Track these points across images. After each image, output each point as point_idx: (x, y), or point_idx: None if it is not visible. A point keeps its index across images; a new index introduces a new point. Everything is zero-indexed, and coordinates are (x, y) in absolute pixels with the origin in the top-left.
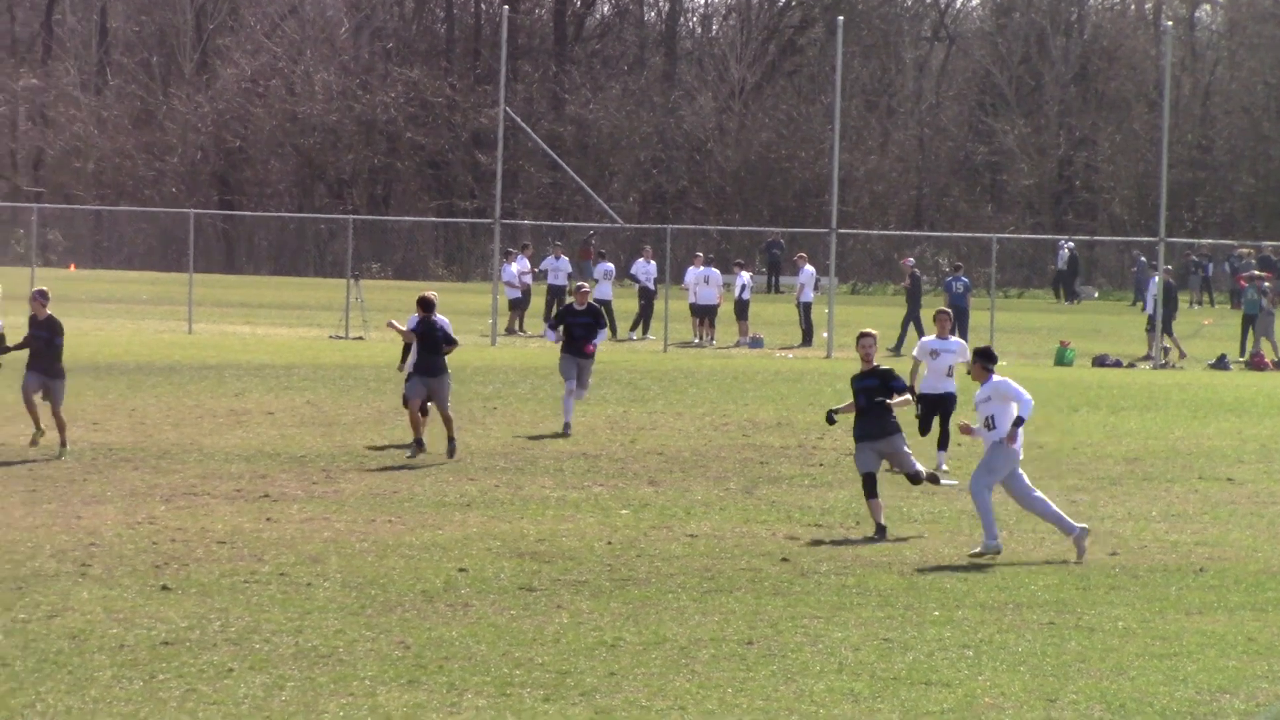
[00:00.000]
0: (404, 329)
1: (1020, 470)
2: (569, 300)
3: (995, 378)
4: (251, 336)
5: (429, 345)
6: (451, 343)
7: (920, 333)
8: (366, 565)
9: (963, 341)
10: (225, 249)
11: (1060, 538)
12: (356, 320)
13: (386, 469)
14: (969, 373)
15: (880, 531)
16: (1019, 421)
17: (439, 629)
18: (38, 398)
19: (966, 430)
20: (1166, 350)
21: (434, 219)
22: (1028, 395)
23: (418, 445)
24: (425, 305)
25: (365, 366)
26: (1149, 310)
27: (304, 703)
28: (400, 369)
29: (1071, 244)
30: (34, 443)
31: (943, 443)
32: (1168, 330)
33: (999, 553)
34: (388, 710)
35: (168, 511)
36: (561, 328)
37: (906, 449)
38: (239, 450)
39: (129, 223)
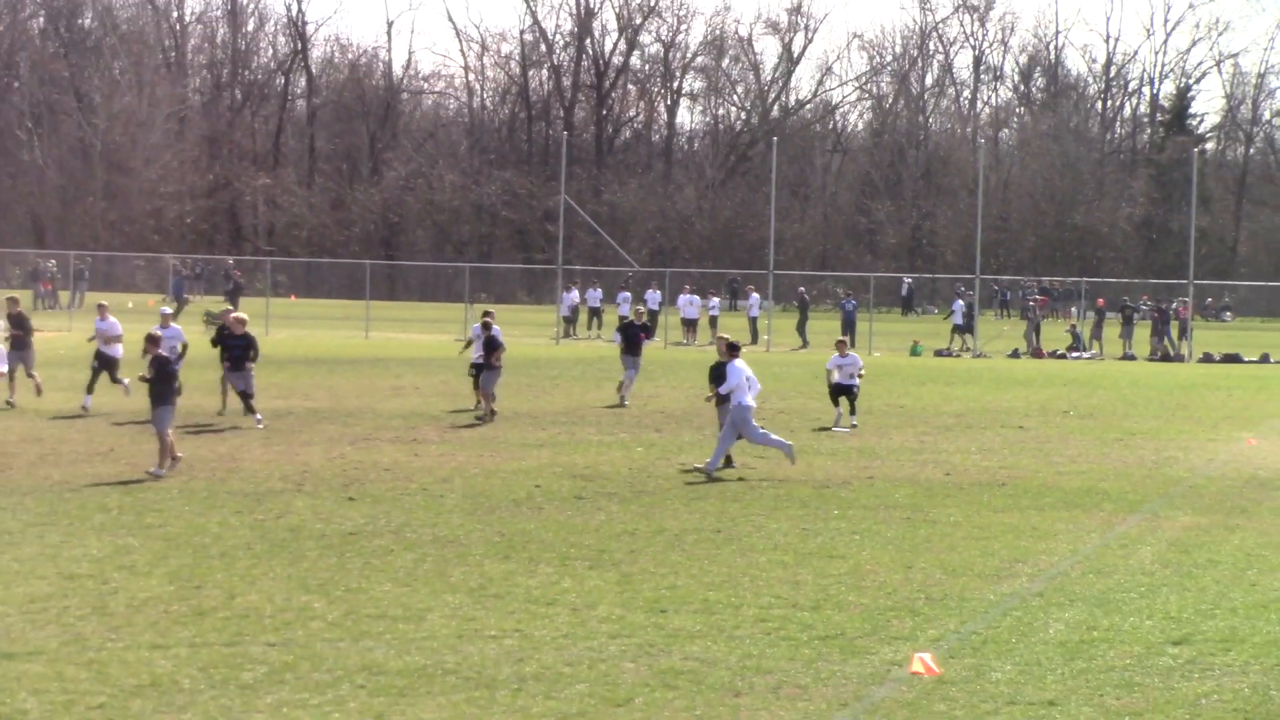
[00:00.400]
0: (469, 337)
1: (750, 418)
2: (630, 318)
3: (734, 363)
4: (406, 340)
5: (489, 347)
6: (500, 347)
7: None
8: (477, 483)
9: (855, 355)
10: (389, 285)
11: (913, 461)
12: (469, 330)
13: (488, 424)
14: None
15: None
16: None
17: (522, 523)
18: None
19: (715, 399)
20: (968, 347)
21: (520, 265)
22: (734, 379)
23: (491, 414)
24: (486, 322)
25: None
26: (957, 320)
27: (439, 571)
28: (460, 354)
29: (910, 280)
30: (220, 413)
31: (852, 409)
32: (971, 331)
33: (792, 455)
34: (490, 575)
35: (352, 450)
36: (620, 335)
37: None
38: (397, 411)
39: (329, 269)
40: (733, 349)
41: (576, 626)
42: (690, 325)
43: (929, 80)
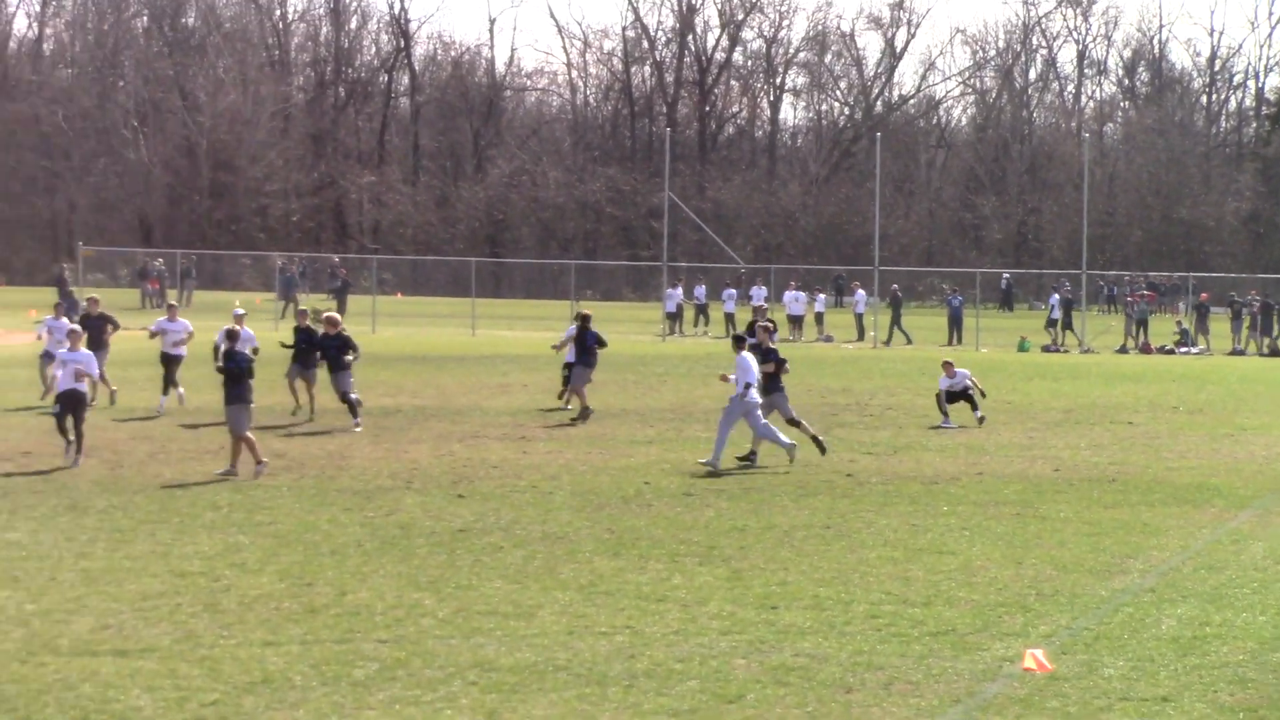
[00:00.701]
0: (562, 337)
1: (758, 411)
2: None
3: (741, 354)
4: (512, 338)
5: (582, 344)
6: (602, 344)
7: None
8: (586, 480)
9: (964, 373)
10: (494, 283)
11: (1023, 457)
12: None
13: (595, 421)
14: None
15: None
16: (745, 385)
17: (632, 520)
18: (300, 383)
19: (724, 379)
20: (1060, 343)
21: (625, 263)
22: (746, 372)
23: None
24: (584, 319)
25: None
26: (1054, 315)
27: (548, 567)
28: (555, 350)
29: (1008, 275)
30: (295, 413)
31: (975, 406)
32: (1069, 328)
33: (715, 469)
34: (601, 571)
35: (461, 447)
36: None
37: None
38: (505, 409)
39: (434, 267)
40: (738, 341)
41: (687, 623)
42: (796, 322)
43: (1032, 75)
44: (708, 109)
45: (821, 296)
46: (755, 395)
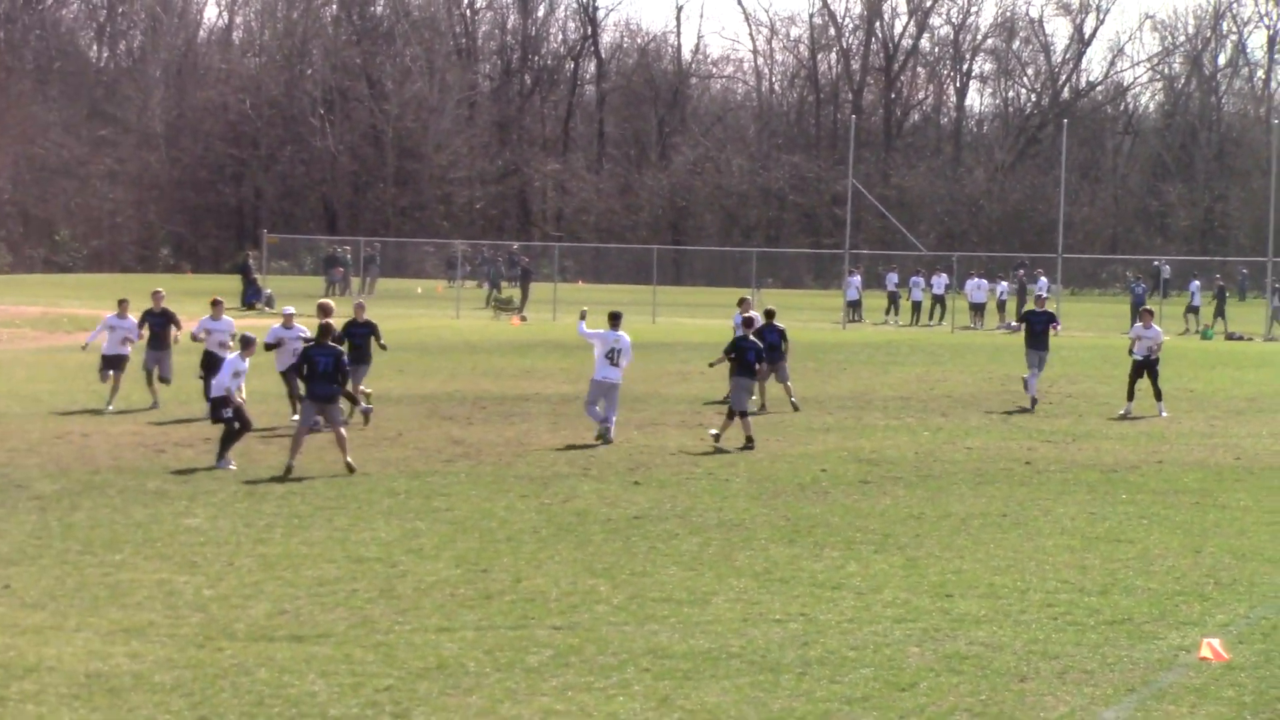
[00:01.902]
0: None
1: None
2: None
3: (591, 327)
4: (692, 325)
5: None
6: (785, 340)
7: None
8: (763, 467)
9: (1159, 329)
10: (675, 270)
11: (1203, 445)
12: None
13: (772, 410)
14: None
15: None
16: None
17: (808, 507)
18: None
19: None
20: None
21: (807, 250)
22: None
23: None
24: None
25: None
26: (1194, 303)
27: (723, 554)
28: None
29: (1160, 262)
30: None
31: (1157, 394)
32: (1221, 315)
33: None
34: (776, 559)
35: (638, 434)
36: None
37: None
38: (683, 396)
39: (616, 255)
40: (613, 318)
41: (861, 611)
42: (978, 309)
43: (1222, 60)
44: (893, 96)
45: (1004, 284)
46: (608, 375)
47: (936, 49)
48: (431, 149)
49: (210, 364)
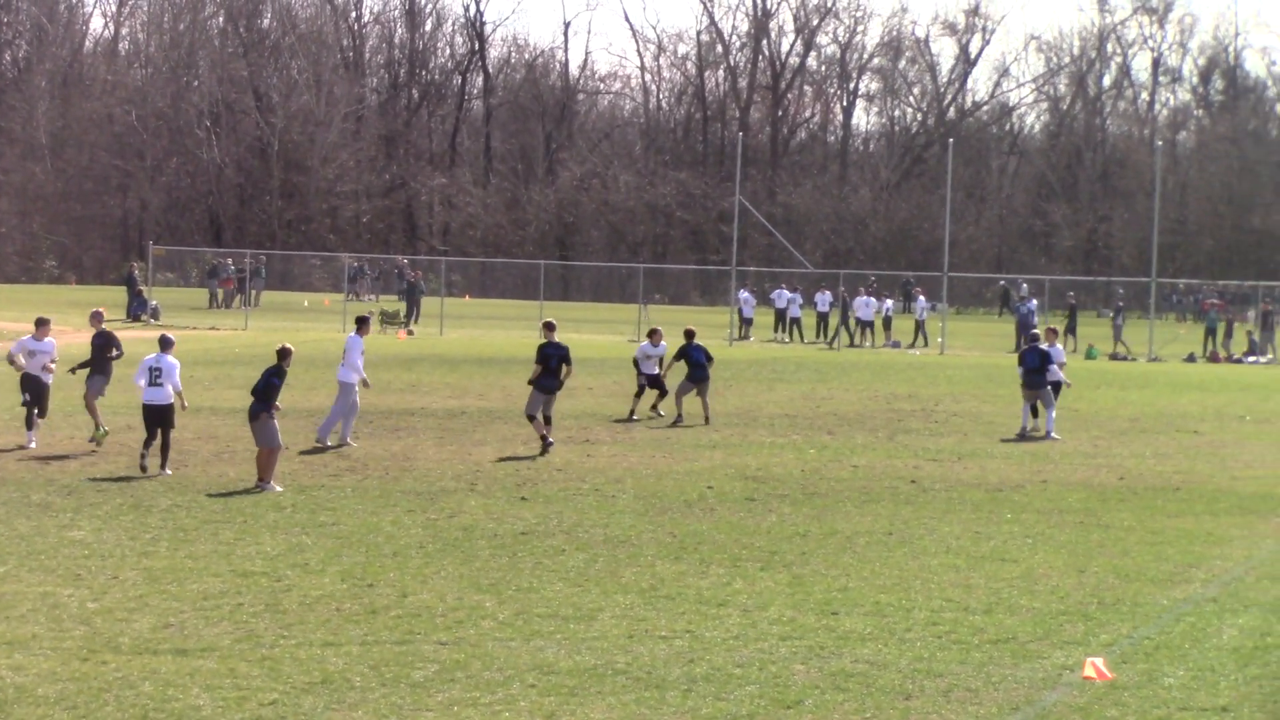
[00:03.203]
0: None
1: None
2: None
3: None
4: (580, 341)
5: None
6: (710, 360)
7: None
8: (649, 484)
9: (1061, 348)
10: (563, 285)
11: (1087, 465)
12: (645, 331)
13: (658, 426)
14: None
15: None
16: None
17: (694, 524)
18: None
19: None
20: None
21: (694, 267)
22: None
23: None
24: (688, 333)
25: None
26: (1118, 321)
27: (610, 570)
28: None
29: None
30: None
31: (1049, 412)
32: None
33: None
34: (662, 575)
35: (526, 450)
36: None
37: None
38: (570, 412)
39: (502, 269)
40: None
41: (747, 628)
42: (865, 326)
43: (1106, 82)
44: (780, 114)
45: (889, 302)
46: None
47: (823, 67)
48: (318, 162)
49: (34, 387)
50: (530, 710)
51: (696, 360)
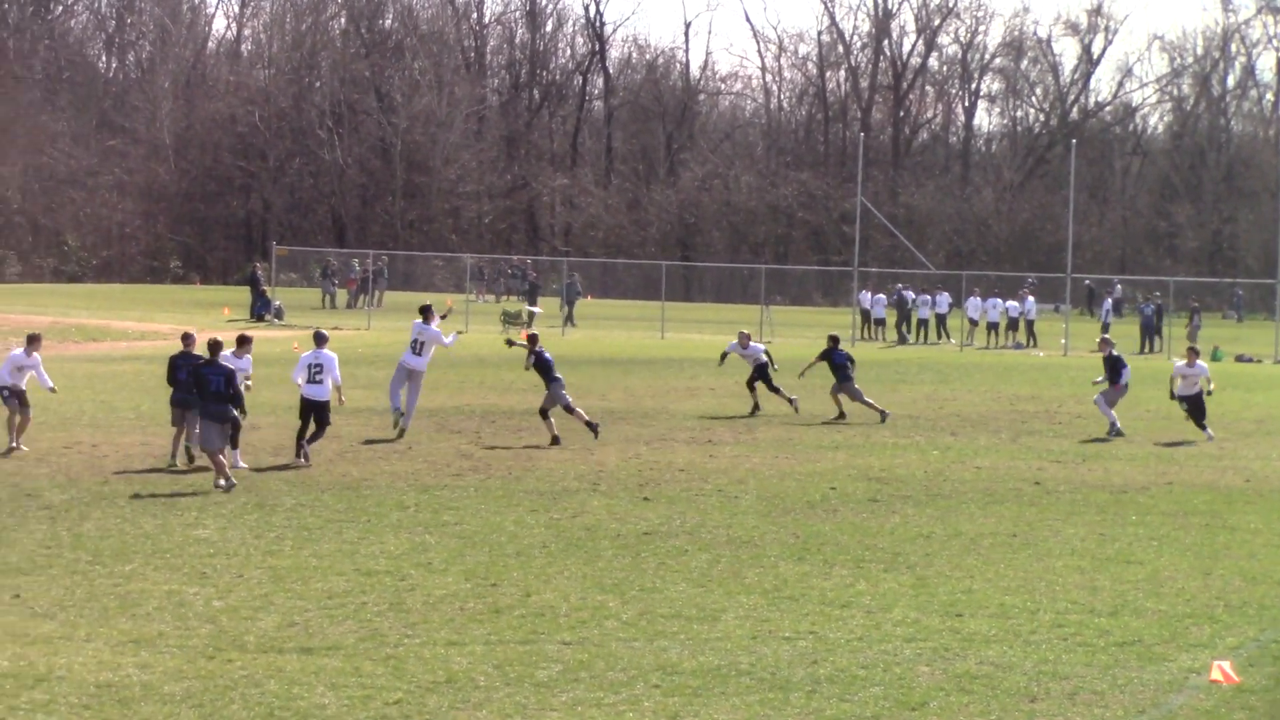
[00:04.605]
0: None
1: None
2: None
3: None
4: (701, 341)
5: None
6: (853, 363)
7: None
8: (772, 484)
9: (1203, 365)
10: (684, 286)
11: (1213, 467)
12: (768, 331)
13: (781, 425)
14: None
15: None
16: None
17: (817, 525)
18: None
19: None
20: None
21: (815, 267)
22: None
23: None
24: (833, 339)
25: (775, 360)
26: (1107, 320)
27: (733, 571)
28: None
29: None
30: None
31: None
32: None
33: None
34: (785, 576)
35: (648, 450)
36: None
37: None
38: (692, 412)
39: (624, 270)
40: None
41: (871, 629)
42: (992, 327)
43: (1230, 82)
44: (902, 114)
45: (1012, 304)
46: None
47: (945, 68)
48: (440, 163)
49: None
50: (654, 710)
51: (839, 363)
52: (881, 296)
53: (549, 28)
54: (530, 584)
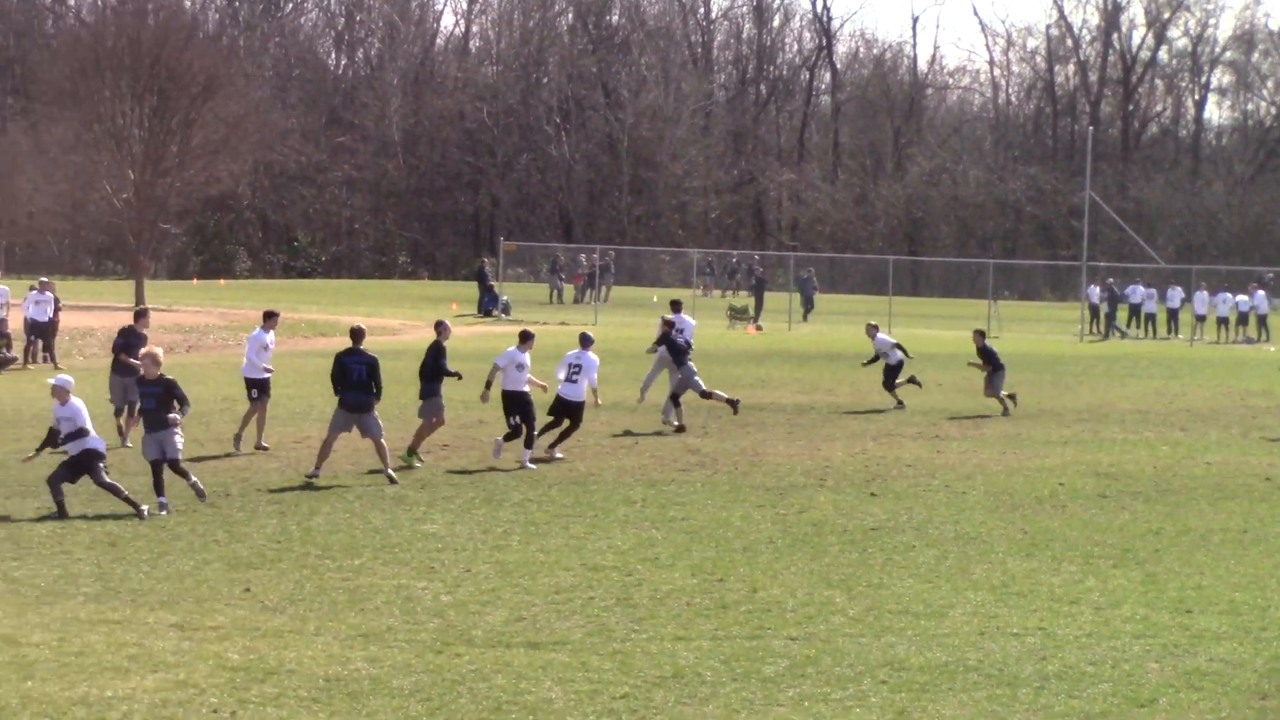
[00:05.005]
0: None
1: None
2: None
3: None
4: (928, 336)
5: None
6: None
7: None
8: (999, 480)
9: None
10: (912, 281)
11: None
12: (995, 326)
13: (1010, 421)
14: None
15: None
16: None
17: (1045, 521)
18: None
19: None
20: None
21: (1043, 262)
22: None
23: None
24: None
25: (1001, 356)
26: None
27: (961, 567)
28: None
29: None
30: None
31: None
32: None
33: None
34: (1013, 572)
35: (875, 445)
36: None
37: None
38: (919, 408)
39: (851, 265)
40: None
41: (1100, 626)
42: (1222, 322)
43: None
44: (1131, 108)
45: (1242, 298)
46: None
47: (1174, 61)
48: (667, 158)
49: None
50: (881, 707)
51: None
52: (1096, 289)
53: (776, 23)
54: (757, 579)
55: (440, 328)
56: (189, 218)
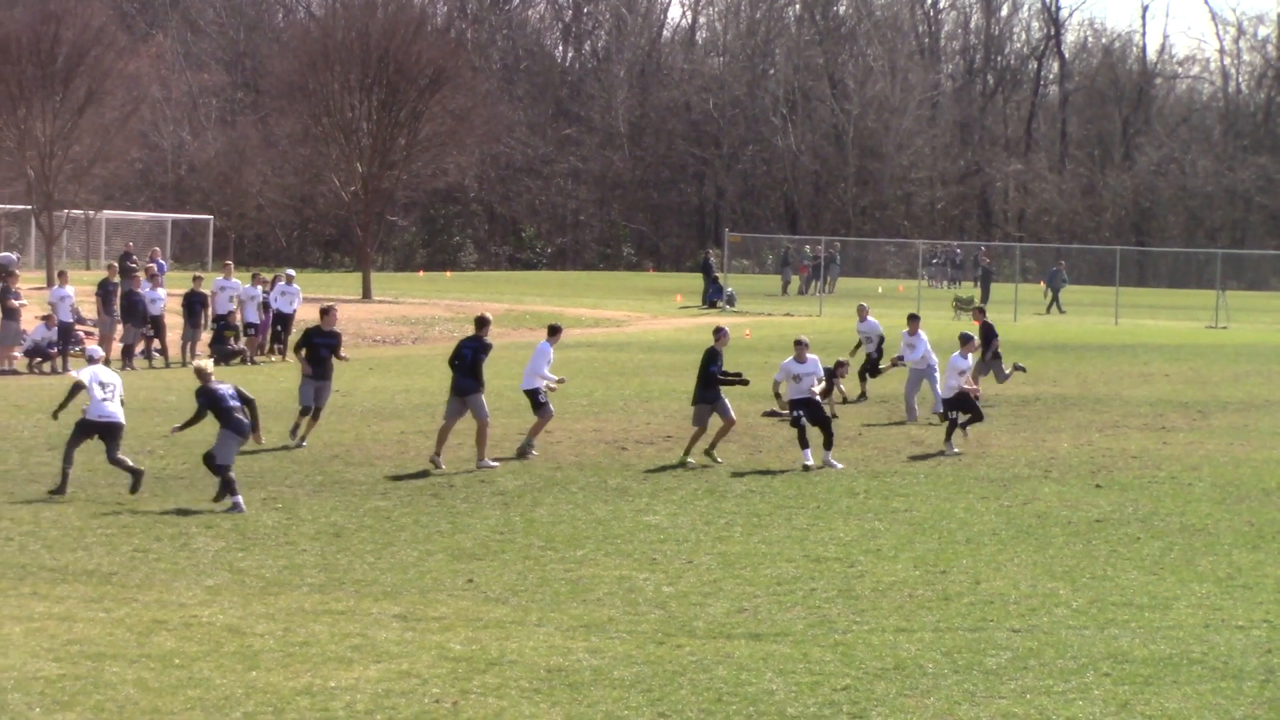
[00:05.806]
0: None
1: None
2: None
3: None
4: (1155, 327)
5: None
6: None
7: None
8: (1227, 471)
9: None
10: (1139, 271)
11: None
12: (1223, 317)
13: (1236, 412)
14: None
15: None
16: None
17: (1273, 513)
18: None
19: None
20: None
21: (1273, 252)
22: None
23: None
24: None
25: (1229, 346)
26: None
27: (1185, 559)
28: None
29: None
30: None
31: None
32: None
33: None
34: (1239, 564)
35: (1100, 437)
36: None
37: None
38: (1145, 398)
39: (1078, 255)
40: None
41: None
42: None
43: None
44: None
45: None
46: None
47: None
48: (893, 149)
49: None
50: (1104, 699)
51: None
52: None
53: (1004, 12)
54: (980, 571)
55: (716, 334)
56: (416, 210)
